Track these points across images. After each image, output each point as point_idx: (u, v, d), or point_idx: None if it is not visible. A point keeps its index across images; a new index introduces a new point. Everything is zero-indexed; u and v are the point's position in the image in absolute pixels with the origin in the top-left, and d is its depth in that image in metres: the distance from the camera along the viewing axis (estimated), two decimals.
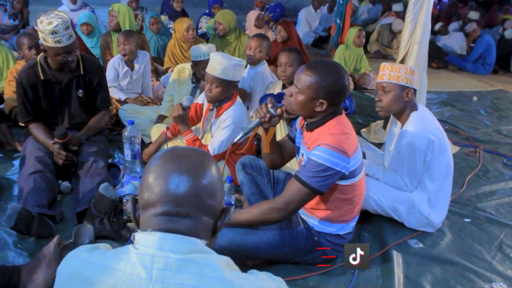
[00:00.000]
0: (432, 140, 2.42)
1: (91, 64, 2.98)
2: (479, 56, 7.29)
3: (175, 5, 6.49)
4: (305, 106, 2.01)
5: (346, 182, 2.03)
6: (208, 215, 1.02)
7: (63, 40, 2.63)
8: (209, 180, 1.02)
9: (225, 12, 5.22)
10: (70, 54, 2.72)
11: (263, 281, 1.00)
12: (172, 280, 0.90)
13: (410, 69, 2.52)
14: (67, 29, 2.63)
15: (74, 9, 5.92)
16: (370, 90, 5.70)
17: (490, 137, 4.38)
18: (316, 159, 1.93)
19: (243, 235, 2.09)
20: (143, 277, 0.91)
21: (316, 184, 1.93)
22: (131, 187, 2.78)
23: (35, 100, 2.84)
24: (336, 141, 1.92)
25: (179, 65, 3.84)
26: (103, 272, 0.93)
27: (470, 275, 2.30)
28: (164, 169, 1.01)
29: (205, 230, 1.02)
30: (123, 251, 0.96)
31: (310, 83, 1.96)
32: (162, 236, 0.95)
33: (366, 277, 2.23)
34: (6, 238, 2.36)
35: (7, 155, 3.32)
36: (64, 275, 0.99)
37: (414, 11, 3.44)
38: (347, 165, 1.94)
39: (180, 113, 2.80)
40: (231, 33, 5.09)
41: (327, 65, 2.00)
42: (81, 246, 1.05)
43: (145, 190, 1.01)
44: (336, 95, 1.98)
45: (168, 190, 0.98)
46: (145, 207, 1.01)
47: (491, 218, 2.85)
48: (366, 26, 8.80)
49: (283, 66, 3.34)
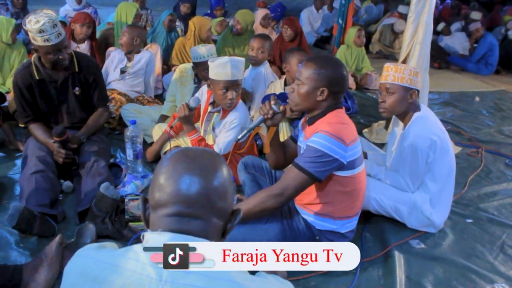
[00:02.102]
0: (434, 140, 2.42)
1: (86, 62, 2.96)
2: (481, 57, 7.26)
3: (182, 8, 6.52)
4: (308, 97, 2.07)
5: (345, 173, 2.05)
6: (218, 216, 1.02)
7: (51, 38, 2.61)
8: (220, 181, 1.02)
9: (245, 12, 5.28)
10: (60, 52, 2.70)
11: (270, 283, 1.00)
12: (182, 281, 0.90)
13: (414, 70, 2.51)
14: (55, 27, 2.61)
15: (77, 9, 5.93)
16: (372, 90, 5.69)
17: (492, 138, 4.36)
18: (313, 145, 1.97)
19: (245, 234, 2.09)
20: (153, 277, 0.91)
21: (313, 170, 1.96)
22: (132, 186, 2.78)
23: (32, 100, 2.84)
24: (334, 129, 1.97)
25: (181, 65, 3.85)
26: (112, 271, 0.93)
27: (472, 275, 2.30)
28: (175, 169, 1.01)
29: (215, 231, 1.02)
30: (132, 250, 0.96)
31: (310, 73, 2.05)
32: (173, 236, 0.95)
33: (368, 277, 2.23)
34: (8, 238, 2.36)
35: (9, 154, 3.32)
36: (72, 274, 0.98)
37: (416, 11, 3.44)
38: (344, 154, 1.97)
39: (186, 113, 2.80)
40: (246, 33, 5.11)
41: (325, 57, 2.19)
42: (88, 244, 1.05)
43: (156, 190, 1.01)
44: (336, 83, 2.05)
45: (180, 191, 0.98)
46: (156, 207, 1.01)
47: (493, 218, 2.84)
48: (368, 26, 8.79)
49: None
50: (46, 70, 2.81)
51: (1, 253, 2.24)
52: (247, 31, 5.17)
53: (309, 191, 2.13)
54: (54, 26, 2.61)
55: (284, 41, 5.09)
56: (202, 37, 4.74)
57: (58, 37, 2.65)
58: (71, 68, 2.87)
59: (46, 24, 2.57)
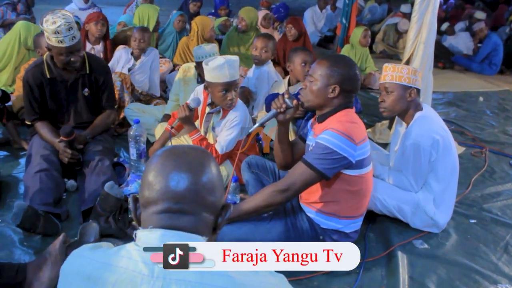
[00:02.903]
0: (437, 139, 2.42)
1: (97, 64, 2.99)
2: (485, 56, 7.23)
3: (191, 7, 6.53)
4: (320, 94, 2.08)
5: (353, 172, 2.05)
6: (208, 211, 1.03)
7: (65, 41, 2.64)
8: (208, 177, 1.03)
9: (249, 9, 5.26)
10: (72, 54, 2.72)
11: (264, 277, 1.00)
12: (174, 276, 0.91)
13: (412, 69, 2.52)
14: (70, 30, 2.63)
15: (83, 8, 5.94)
16: (375, 90, 5.67)
17: (496, 138, 4.35)
18: (323, 142, 1.98)
19: (248, 233, 2.10)
20: (145, 274, 0.92)
21: (321, 167, 1.96)
22: (136, 186, 2.79)
23: (41, 98, 2.86)
24: (344, 127, 1.98)
25: (184, 65, 3.86)
26: (105, 269, 0.94)
27: (476, 276, 2.29)
28: (164, 167, 1.01)
29: (206, 226, 1.03)
30: (124, 249, 0.97)
31: (323, 70, 2.07)
32: (164, 233, 0.96)
33: (371, 277, 2.22)
34: (13, 236, 2.37)
35: (13, 153, 3.34)
36: (68, 273, 1.00)
37: (420, 11, 3.43)
38: (353, 153, 1.98)
39: (186, 114, 2.80)
40: (251, 30, 5.10)
41: (339, 56, 2.27)
42: (84, 245, 1.06)
43: (146, 188, 1.02)
44: (348, 81, 2.07)
45: (168, 187, 0.99)
46: (146, 205, 1.02)
47: (497, 219, 2.83)
48: (371, 26, 8.77)
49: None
50: (58, 70, 2.84)
51: (5, 252, 2.26)
52: (252, 28, 5.15)
53: (315, 189, 2.13)
54: (70, 29, 2.63)
55: (287, 41, 5.06)
56: (205, 37, 4.75)
57: (72, 40, 2.66)
58: (82, 70, 2.90)
59: (62, 27, 2.59)
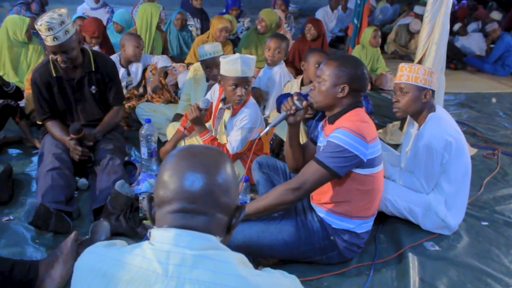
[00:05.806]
0: (449, 141, 2.40)
1: (103, 61, 2.99)
2: (498, 57, 7.17)
3: (194, 2, 6.53)
4: (328, 94, 2.09)
5: (364, 171, 2.05)
6: (222, 212, 1.03)
7: (60, 36, 2.59)
8: (223, 177, 1.03)
9: (269, 10, 5.33)
10: (66, 53, 2.69)
11: (276, 278, 1.00)
12: (188, 276, 0.91)
13: (428, 70, 2.50)
14: (51, 30, 2.56)
15: (94, 8, 6.01)
16: (387, 91, 5.65)
17: (508, 140, 4.30)
18: (334, 140, 1.98)
19: (259, 233, 2.10)
20: (159, 273, 0.92)
21: (333, 165, 1.96)
22: (147, 185, 2.80)
23: (49, 97, 2.87)
24: (355, 126, 1.99)
25: (195, 64, 3.87)
26: (120, 267, 0.95)
27: (487, 279, 2.27)
28: (179, 166, 1.02)
29: (220, 227, 1.03)
30: (139, 247, 0.98)
31: (332, 70, 2.08)
32: (178, 232, 0.97)
33: (381, 279, 2.21)
34: (25, 233, 2.40)
35: (26, 151, 3.38)
36: (82, 269, 1.00)
37: (432, 11, 3.40)
38: (365, 151, 1.98)
39: (197, 115, 2.82)
40: (270, 32, 5.12)
41: (347, 56, 2.29)
42: (98, 242, 1.07)
43: (161, 187, 1.02)
44: (356, 81, 2.07)
45: (183, 187, 0.99)
46: (160, 204, 1.03)
47: (509, 221, 2.81)
48: (383, 26, 8.73)
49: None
50: (63, 68, 2.84)
51: (17, 249, 2.28)
52: (271, 30, 5.16)
53: (327, 189, 2.13)
54: (50, 30, 2.56)
55: (305, 41, 5.12)
56: (214, 36, 4.77)
57: (66, 34, 2.61)
58: (88, 67, 2.90)
59: (55, 22, 2.55)
